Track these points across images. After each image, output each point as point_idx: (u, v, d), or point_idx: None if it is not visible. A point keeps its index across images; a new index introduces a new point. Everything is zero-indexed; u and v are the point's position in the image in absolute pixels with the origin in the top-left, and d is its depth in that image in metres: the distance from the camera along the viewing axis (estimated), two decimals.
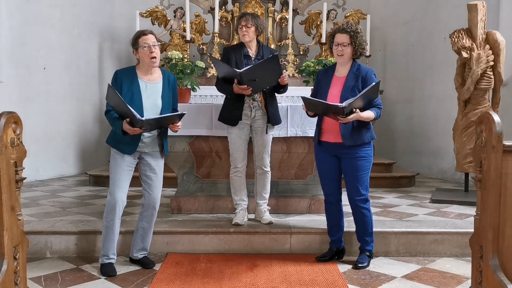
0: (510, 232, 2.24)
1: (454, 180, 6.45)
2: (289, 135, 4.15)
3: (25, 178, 2.36)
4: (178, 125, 3.21)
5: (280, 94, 3.90)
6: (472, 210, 3.61)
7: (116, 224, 3.19)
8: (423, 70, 7.19)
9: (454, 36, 4.83)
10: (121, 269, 3.26)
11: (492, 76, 4.81)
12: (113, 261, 3.24)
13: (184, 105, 3.97)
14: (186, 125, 3.86)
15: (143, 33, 3.20)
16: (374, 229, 3.42)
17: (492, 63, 4.78)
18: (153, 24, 7.04)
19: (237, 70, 3.46)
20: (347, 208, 3.41)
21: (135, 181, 3.33)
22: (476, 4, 4.77)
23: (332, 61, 4.30)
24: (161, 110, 3.22)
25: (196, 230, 3.67)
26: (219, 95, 3.91)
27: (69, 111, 6.96)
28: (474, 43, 4.78)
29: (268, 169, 3.89)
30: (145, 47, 3.14)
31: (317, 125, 3.39)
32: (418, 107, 7.33)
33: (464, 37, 4.77)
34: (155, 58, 3.16)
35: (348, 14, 7.14)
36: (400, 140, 7.66)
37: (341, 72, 3.31)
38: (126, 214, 3.67)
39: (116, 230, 3.22)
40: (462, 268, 3.33)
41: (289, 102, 5.18)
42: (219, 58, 4.69)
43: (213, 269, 3.27)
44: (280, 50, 6.92)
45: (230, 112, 3.77)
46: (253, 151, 3.89)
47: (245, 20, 3.73)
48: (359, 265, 3.31)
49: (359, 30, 3.25)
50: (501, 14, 5.83)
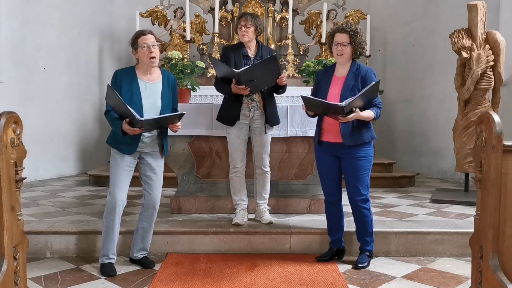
0: (510, 232, 2.24)
1: (454, 180, 6.45)
2: (289, 135, 4.15)
3: (25, 178, 2.36)
4: (178, 125, 3.20)
5: (279, 95, 3.91)
6: (472, 210, 3.61)
7: (116, 224, 3.20)
8: (423, 70, 7.19)
9: (454, 36, 4.83)
10: (121, 269, 3.26)
11: (492, 76, 4.81)
12: (113, 261, 3.24)
13: (184, 105, 3.97)
14: (186, 125, 3.86)
15: (142, 33, 3.20)
16: (374, 229, 3.42)
17: (492, 63, 4.78)
18: (153, 24, 7.04)
19: (235, 70, 3.46)
20: (347, 208, 3.41)
21: (135, 181, 3.33)
22: (476, 4, 4.77)
23: (332, 61, 4.30)
24: (161, 110, 3.22)
25: (196, 230, 3.67)
26: (219, 95, 3.91)
27: (69, 111, 6.96)
28: (474, 43, 4.78)
29: (267, 169, 3.89)
30: (144, 47, 3.14)
31: (317, 125, 3.39)
32: (418, 107, 7.33)
33: (464, 37, 4.77)
34: (154, 58, 3.16)
35: (348, 14, 7.14)
36: (400, 140, 7.65)
37: (341, 72, 3.32)
38: (126, 214, 3.67)
39: (116, 230, 3.22)
40: (462, 268, 3.33)
41: (289, 102, 5.18)
42: (219, 58, 4.69)
43: (213, 269, 3.27)
44: (280, 50, 6.92)
45: (228, 112, 3.77)
46: (252, 151, 3.89)
47: (244, 20, 3.73)
48: (359, 265, 3.31)
49: (358, 30, 3.26)
50: (501, 14, 5.83)
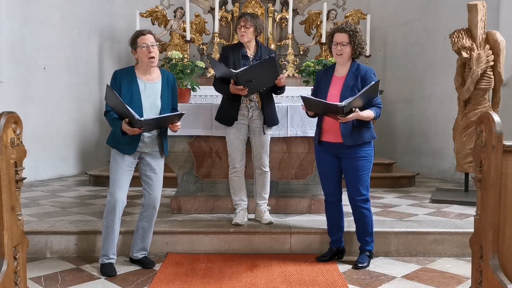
0: (510, 232, 2.24)
1: (454, 180, 6.44)
2: (289, 135, 4.15)
3: (25, 178, 2.36)
4: (178, 125, 3.20)
5: (278, 95, 3.90)
6: (472, 210, 3.60)
7: (116, 224, 3.20)
8: (423, 70, 7.19)
9: (454, 36, 4.82)
10: (121, 269, 3.26)
11: (492, 76, 4.81)
12: (113, 261, 3.24)
13: (184, 105, 3.97)
14: (186, 125, 3.86)
15: (141, 33, 3.20)
16: (374, 229, 3.42)
17: (492, 63, 4.77)
18: (153, 24, 7.04)
19: (233, 71, 3.45)
20: (347, 208, 3.41)
21: (135, 181, 3.33)
22: (476, 4, 4.76)
23: (332, 61, 4.30)
24: (161, 110, 3.22)
25: (196, 230, 3.67)
26: (219, 95, 3.91)
27: (69, 111, 6.96)
28: (474, 43, 4.78)
29: (267, 169, 3.89)
30: (144, 47, 3.13)
31: (317, 125, 3.39)
32: (418, 107, 7.33)
33: (464, 37, 4.77)
34: (153, 58, 3.16)
35: (348, 14, 7.14)
36: (400, 140, 7.65)
37: (341, 72, 3.32)
38: (126, 214, 3.67)
39: (116, 230, 3.22)
40: (462, 268, 3.33)
41: (289, 102, 5.18)
42: (219, 58, 4.69)
43: (213, 269, 3.27)
44: (280, 50, 6.92)
45: (226, 112, 3.77)
46: (251, 151, 3.89)
47: (244, 21, 3.73)
48: (359, 265, 3.31)
49: (358, 30, 3.26)
50: (501, 14, 5.83)
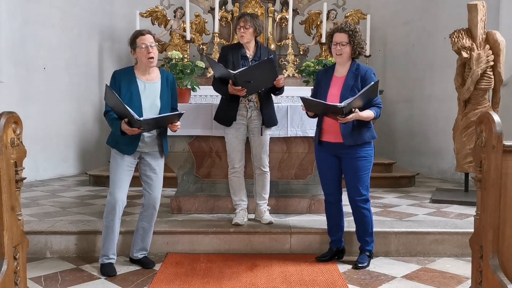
0: (510, 232, 2.24)
1: (454, 180, 6.44)
2: (289, 135, 4.14)
3: (25, 178, 2.36)
4: (177, 125, 3.19)
5: (277, 96, 3.90)
6: (472, 210, 3.60)
7: (116, 224, 3.19)
8: (423, 70, 7.19)
9: (454, 36, 4.82)
10: (121, 269, 3.26)
11: (492, 76, 4.81)
12: (113, 261, 3.24)
13: (184, 105, 3.97)
14: (186, 125, 3.86)
15: (140, 33, 3.19)
16: (374, 229, 3.42)
17: (492, 63, 4.77)
18: (153, 24, 7.03)
19: (232, 72, 3.45)
20: (347, 208, 3.41)
21: (135, 181, 3.33)
22: (476, 4, 4.76)
23: (332, 61, 4.30)
24: (160, 110, 3.22)
25: (196, 230, 3.67)
26: (219, 95, 3.91)
27: (69, 111, 6.96)
28: (474, 43, 4.78)
29: (267, 170, 3.88)
30: (143, 47, 3.13)
31: (317, 125, 3.39)
32: (418, 107, 7.33)
33: (464, 37, 4.77)
34: (152, 58, 3.16)
35: (348, 14, 7.14)
36: (400, 140, 7.65)
37: (341, 72, 3.31)
38: (126, 214, 3.67)
39: (116, 230, 3.22)
40: (462, 268, 3.32)
41: (289, 102, 5.18)
42: (219, 58, 4.69)
43: (213, 269, 3.27)
44: (280, 50, 6.92)
45: (225, 113, 3.77)
46: (251, 152, 3.88)
47: (243, 21, 3.72)
48: (359, 265, 3.31)
49: (357, 30, 3.26)
50: (501, 14, 5.83)
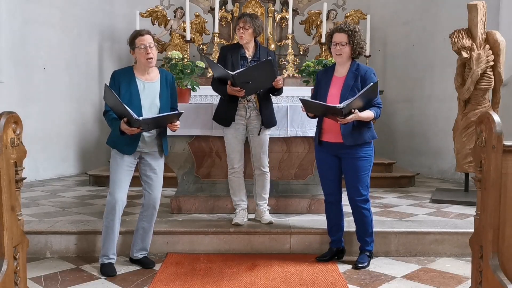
0: (510, 232, 2.24)
1: (454, 180, 6.44)
2: (289, 135, 4.14)
3: (25, 178, 2.36)
4: (177, 124, 3.18)
5: (276, 96, 3.90)
6: (472, 210, 3.60)
7: (116, 224, 3.19)
8: (423, 70, 7.19)
9: (454, 36, 4.82)
10: (121, 269, 3.26)
11: (492, 76, 4.81)
12: (113, 261, 3.24)
13: (184, 105, 3.97)
14: (186, 125, 3.86)
15: (139, 33, 3.19)
16: (374, 229, 3.42)
17: (492, 63, 4.77)
18: (153, 24, 7.04)
19: (230, 73, 3.45)
20: (347, 208, 3.40)
21: (135, 181, 3.33)
22: (476, 4, 4.76)
23: (332, 61, 4.30)
24: (160, 110, 3.21)
25: (196, 230, 3.67)
26: (219, 95, 3.91)
27: (69, 111, 6.96)
28: (474, 43, 4.78)
29: (266, 170, 3.88)
30: (142, 48, 3.13)
31: (317, 125, 3.39)
32: (418, 107, 7.33)
33: (464, 37, 4.77)
34: (151, 59, 3.16)
35: (348, 14, 7.14)
36: (400, 140, 7.65)
37: (341, 72, 3.31)
38: (126, 214, 3.67)
39: (116, 230, 3.22)
40: (462, 268, 3.32)
41: (289, 102, 5.18)
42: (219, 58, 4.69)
43: (213, 269, 3.27)
44: (280, 50, 6.92)
45: (224, 113, 3.77)
46: (250, 152, 3.88)
47: (243, 22, 3.71)
48: (359, 265, 3.31)
49: (357, 30, 3.25)
50: (501, 14, 5.83)
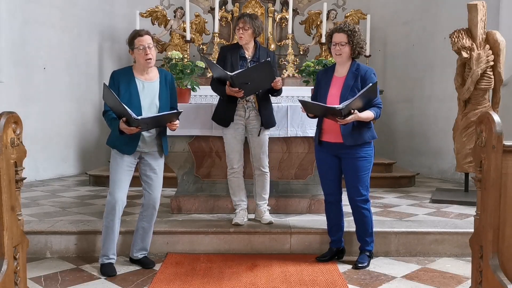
0: (510, 232, 2.24)
1: (454, 180, 6.44)
2: (289, 135, 4.14)
3: (25, 178, 2.36)
4: (176, 124, 3.18)
5: (275, 97, 3.89)
6: (472, 210, 3.60)
7: (116, 224, 3.19)
8: (423, 70, 7.19)
9: (454, 36, 4.82)
10: (121, 269, 3.26)
11: (492, 76, 4.81)
12: (113, 261, 3.24)
13: (184, 105, 3.97)
14: (186, 125, 3.86)
15: (138, 33, 3.18)
16: (374, 229, 3.42)
17: (492, 63, 4.77)
18: (153, 24, 7.04)
19: (229, 73, 3.45)
20: (347, 208, 3.40)
21: (135, 181, 3.33)
22: (476, 4, 4.76)
23: (332, 61, 4.30)
24: (159, 109, 3.21)
25: (196, 230, 3.67)
26: (219, 95, 3.91)
27: (69, 111, 6.96)
28: (474, 43, 4.78)
29: (266, 170, 3.88)
30: (141, 48, 3.13)
31: (317, 125, 3.39)
32: (418, 107, 7.33)
33: (464, 37, 4.77)
34: (150, 59, 3.16)
35: (348, 14, 7.14)
36: (400, 140, 7.65)
37: (341, 72, 3.31)
38: (126, 214, 3.67)
39: (116, 230, 3.22)
40: (462, 268, 3.33)
41: (289, 102, 5.18)
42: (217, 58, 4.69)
43: (213, 269, 3.27)
44: (280, 50, 6.92)
45: (223, 113, 3.77)
46: (250, 152, 3.88)
47: (242, 22, 3.70)
48: (359, 265, 3.31)
49: (356, 29, 3.25)
50: (501, 14, 5.83)
